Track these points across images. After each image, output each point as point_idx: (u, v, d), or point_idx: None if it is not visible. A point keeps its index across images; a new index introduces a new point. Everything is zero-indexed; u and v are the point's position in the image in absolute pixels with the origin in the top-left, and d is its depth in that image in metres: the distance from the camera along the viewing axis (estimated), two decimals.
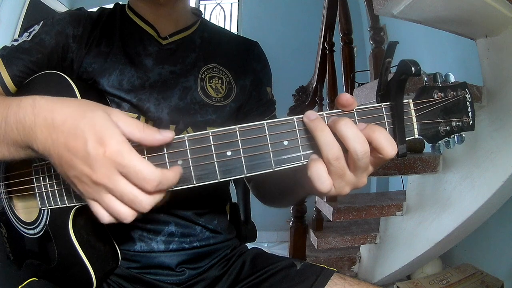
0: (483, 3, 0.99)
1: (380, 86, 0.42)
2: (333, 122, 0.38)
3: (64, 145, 0.36)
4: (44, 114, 0.38)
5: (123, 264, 0.63)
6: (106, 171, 0.35)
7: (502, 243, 1.54)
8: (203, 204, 0.68)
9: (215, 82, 0.67)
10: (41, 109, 0.38)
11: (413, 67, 0.37)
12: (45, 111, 0.38)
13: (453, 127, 0.43)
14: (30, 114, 0.38)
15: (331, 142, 0.37)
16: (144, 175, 0.35)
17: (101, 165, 0.35)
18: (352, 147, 0.37)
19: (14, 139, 0.40)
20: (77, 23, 0.62)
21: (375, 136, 0.37)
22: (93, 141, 0.35)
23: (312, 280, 0.59)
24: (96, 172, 0.35)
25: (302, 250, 1.79)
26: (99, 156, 0.35)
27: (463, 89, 0.44)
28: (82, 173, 0.36)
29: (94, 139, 0.35)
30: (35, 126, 0.38)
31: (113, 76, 0.61)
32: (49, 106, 0.38)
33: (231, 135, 0.39)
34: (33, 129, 0.38)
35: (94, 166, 0.35)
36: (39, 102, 0.39)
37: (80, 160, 0.36)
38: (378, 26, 1.64)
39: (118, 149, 0.35)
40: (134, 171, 0.35)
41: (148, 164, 0.36)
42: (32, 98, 0.40)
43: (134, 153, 0.36)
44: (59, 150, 0.37)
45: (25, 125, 0.39)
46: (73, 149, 0.36)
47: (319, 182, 0.38)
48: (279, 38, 3.06)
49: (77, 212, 0.50)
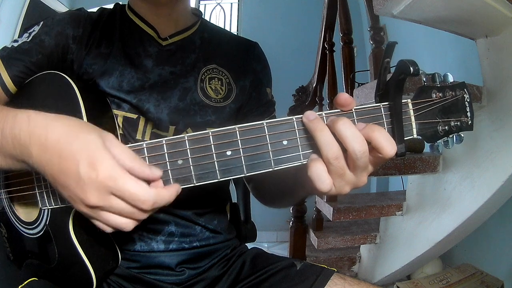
0: (483, 3, 0.99)
1: (379, 86, 0.42)
2: (331, 122, 0.38)
3: (58, 166, 0.36)
4: (39, 131, 0.38)
5: (123, 264, 0.63)
6: (100, 194, 0.36)
7: (502, 243, 1.54)
8: (203, 204, 0.68)
9: (214, 83, 0.67)
10: (35, 127, 0.38)
11: (412, 67, 0.37)
12: (40, 129, 0.38)
13: (451, 127, 0.43)
14: (25, 130, 0.38)
15: (330, 141, 0.37)
16: (138, 197, 0.35)
17: (94, 188, 0.35)
18: (350, 147, 0.37)
19: (10, 152, 0.40)
20: (77, 23, 0.62)
21: (374, 136, 0.37)
22: (85, 165, 0.35)
23: (312, 280, 0.59)
24: (88, 196, 0.36)
25: (302, 250, 1.79)
26: (91, 180, 0.35)
27: (462, 89, 0.44)
28: (75, 195, 0.36)
29: (86, 163, 0.35)
30: (30, 143, 0.38)
31: (113, 77, 0.61)
32: (43, 123, 0.38)
33: (231, 135, 0.39)
34: (27, 146, 0.38)
35: (87, 190, 0.35)
36: (34, 119, 0.39)
37: (73, 182, 0.36)
38: (378, 26, 1.64)
39: (110, 173, 0.35)
40: (129, 194, 0.35)
41: (142, 186, 0.36)
42: (27, 114, 0.40)
43: (127, 176, 0.36)
44: (52, 171, 0.37)
45: (20, 141, 0.39)
46: (66, 170, 0.36)
47: (319, 181, 0.39)
48: (279, 38, 3.06)
49: (78, 212, 0.49)
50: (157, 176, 0.38)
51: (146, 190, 0.36)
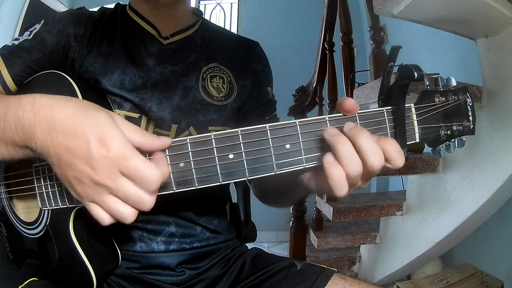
0: (483, 3, 0.99)
1: (382, 90, 0.42)
2: (352, 135, 0.38)
3: (64, 145, 0.36)
4: (44, 112, 0.37)
5: (123, 264, 0.63)
6: (109, 172, 0.35)
7: (502, 243, 1.54)
8: (203, 204, 0.68)
9: (216, 81, 0.67)
10: (41, 107, 0.38)
11: (416, 73, 0.38)
12: (45, 109, 0.37)
13: (453, 131, 0.43)
14: (29, 112, 0.38)
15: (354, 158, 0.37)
16: (148, 177, 0.35)
17: (103, 166, 0.35)
18: (370, 161, 0.37)
19: (12, 138, 0.40)
20: (79, 22, 0.62)
21: (387, 149, 0.38)
22: (96, 141, 0.35)
23: (312, 280, 0.59)
24: (98, 173, 0.35)
25: (302, 250, 1.79)
26: (102, 157, 0.35)
27: (464, 93, 0.44)
28: (83, 173, 0.36)
29: (96, 139, 0.35)
30: (34, 124, 0.37)
31: (115, 75, 0.61)
32: (49, 104, 0.38)
33: (234, 138, 0.39)
34: (32, 127, 0.38)
35: (96, 167, 0.35)
36: (39, 100, 0.38)
37: (81, 160, 0.35)
38: (378, 26, 1.63)
39: (121, 150, 0.35)
40: (139, 173, 0.35)
41: (151, 165, 0.35)
42: (32, 96, 0.39)
43: (138, 154, 0.36)
44: (58, 150, 0.36)
45: (24, 123, 0.38)
46: (74, 148, 0.35)
47: (339, 189, 0.38)
48: (279, 38, 3.05)
49: (78, 213, 0.50)
50: (167, 143, 0.38)
51: (155, 169, 0.35)
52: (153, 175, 0.35)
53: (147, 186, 0.35)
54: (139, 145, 0.37)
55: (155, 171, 0.35)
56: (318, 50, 2.00)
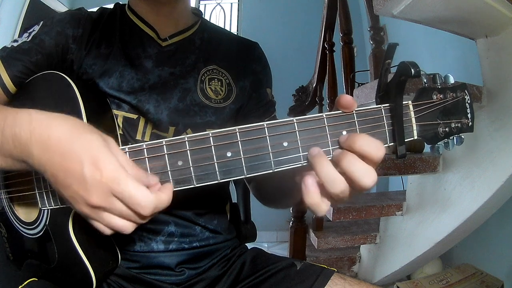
0: (483, 3, 0.99)
1: (380, 88, 0.42)
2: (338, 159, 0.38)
3: (59, 165, 0.36)
4: (40, 130, 0.37)
5: (123, 264, 0.63)
6: (103, 195, 0.36)
7: (502, 243, 1.54)
8: (203, 204, 0.68)
9: (214, 84, 0.67)
10: (37, 125, 0.38)
11: (413, 69, 0.37)
12: (41, 128, 0.38)
13: (452, 129, 0.43)
14: (26, 129, 0.38)
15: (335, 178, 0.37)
16: (139, 202, 0.36)
17: (97, 189, 0.35)
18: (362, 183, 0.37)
19: (10, 152, 0.40)
20: (77, 23, 0.62)
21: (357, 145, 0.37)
22: (89, 165, 0.35)
23: (312, 280, 0.59)
24: (91, 195, 0.36)
25: (302, 250, 1.79)
26: (95, 181, 0.35)
27: (463, 90, 0.44)
28: (77, 194, 0.36)
29: (90, 162, 0.35)
30: (30, 142, 0.38)
31: (113, 77, 0.61)
32: (45, 122, 0.38)
33: (231, 136, 0.39)
34: (28, 145, 0.38)
35: (90, 190, 0.35)
36: (36, 118, 0.39)
37: (76, 182, 0.36)
38: (378, 26, 1.64)
39: (114, 175, 0.35)
40: (131, 198, 0.35)
41: (143, 191, 0.36)
42: (28, 113, 0.39)
43: (130, 179, 0.36)
44: (54, 169, 0.37)
45: (20, 140, 0.38)
46: (68, 170, 0.36)
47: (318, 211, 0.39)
48: (279, 38, 3.05)
49: (77, 213, 0.50)
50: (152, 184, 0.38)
51: (147, 195, 0.36)
52: (144, 200, 0.36)
53: (139, 210, 0.36)
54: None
55: (147, 196, 0.36)
56: (318, 50, 2.01)
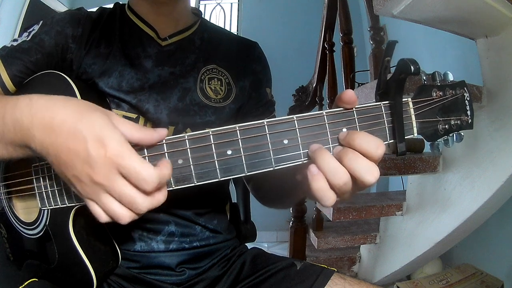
0: (483, 3, 0.99)
1: (380, 85, 0.42)
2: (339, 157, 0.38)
3: (64, 146, 0.36)
4: (42, 113, 0.38)
5: (123, 264, 0.63)
6: (106, 172, 0.35)
7: (502, 243, 1.54)
8: (203, 204, 0.68)
9: (214, 83, 0.67)
10: (38, 109, 0.38)
11: (412, 66, 0.37)
12: (43, 111, 0.38)
13: (451, 126, 0.43)
14: (27, 114, 0.38)
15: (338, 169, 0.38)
16: (144, 176, 0.35)
17: (102, 165, 0.35)
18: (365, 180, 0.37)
19: (11, 138, 0.40)
20: (77, 23, 0.62)
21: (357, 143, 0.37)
22: (94, 142, 0.35)
23: (312, 280, 0.59)
24: (96, 172, 0.36)
25: (302, 250, 1.80)
26: (100, 157, 0.35)
27: (462, 87, 0.44)
28: (83, 172, 0.36)
29: (94, 140, 0.35)
30: (32, 126, 0.38)
31: (113, 77, 0.61)
32: (47, 105, 0.38)
33: (231, 134, 0.39)
34: (30, 129, 0.38)
35: (95, 166, 0.35)
36: (37, 102, 0.39)
37: (80, 160, 0.36)
38: (378, 26, 1.64)
39: (118, 150, 0.35)
40: (135, 172, 0.35)
41: (148, 165, 0.36)
42: (29, 98, 0.39)
43: (135, 154, 0.36)
44: (57, 151, 0.37)
45: (22, 125, 0.38)
46: (73, 149, 0.36)
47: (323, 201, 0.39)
48: (279, 38, 3.06)
49: (77, 212, 0.50)
50: (164, 135, 0.39)
51: (152, 169, 0.36)
52: (149, 175, 0.35)
53: (142, 185, 0.36)
54: (138, 141, 0.38)
55: (152, 171, 0.36)
56: (318, 50, 2.01)
